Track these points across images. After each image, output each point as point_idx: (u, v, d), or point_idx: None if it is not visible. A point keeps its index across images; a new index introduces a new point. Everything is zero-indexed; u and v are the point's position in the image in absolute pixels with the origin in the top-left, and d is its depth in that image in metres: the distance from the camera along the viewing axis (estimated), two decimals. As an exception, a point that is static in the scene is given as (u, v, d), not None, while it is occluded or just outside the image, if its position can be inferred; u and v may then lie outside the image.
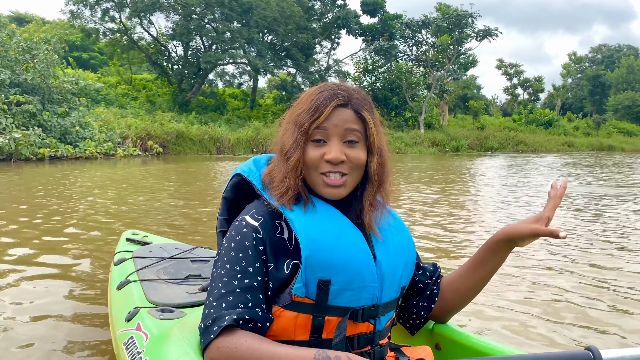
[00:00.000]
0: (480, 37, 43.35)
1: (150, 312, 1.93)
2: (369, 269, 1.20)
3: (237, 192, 1.37)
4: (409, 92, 42.24)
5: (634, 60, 67.67)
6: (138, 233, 3.48)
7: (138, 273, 2.47)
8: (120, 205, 8.04)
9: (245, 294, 1.15)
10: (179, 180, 12.75)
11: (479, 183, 13.63)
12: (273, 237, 1.21)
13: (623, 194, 10.60)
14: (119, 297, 2.30)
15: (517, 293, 3.76)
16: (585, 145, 46.12)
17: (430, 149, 36.87)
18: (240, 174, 1.33)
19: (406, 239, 1.37)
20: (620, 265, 4.59)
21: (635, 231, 6.30)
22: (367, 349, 1.26)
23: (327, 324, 1.19)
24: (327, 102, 1.21)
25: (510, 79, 67.01)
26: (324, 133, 1.21)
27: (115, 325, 2.08)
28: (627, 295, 3.74)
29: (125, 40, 38.53)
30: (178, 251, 2.89)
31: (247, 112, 39.23)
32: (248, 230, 1.20)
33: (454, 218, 7.36)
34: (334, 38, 45.35)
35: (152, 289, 2.23)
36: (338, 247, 1.18)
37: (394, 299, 1.30)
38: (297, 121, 1.22)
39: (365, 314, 1.22)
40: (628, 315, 3.34)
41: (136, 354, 1.62)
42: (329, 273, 1.16)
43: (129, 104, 33.11)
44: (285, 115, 1.31)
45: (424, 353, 1.38)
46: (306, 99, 1.25)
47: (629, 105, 60.36)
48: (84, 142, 20.46)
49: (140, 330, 1.78)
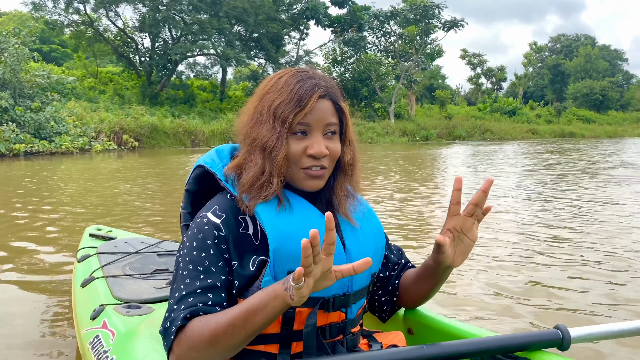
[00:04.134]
0: (447, 27, 44.09)
1: (116, 309, 1.87)
2: (338, 257, 1.17)
3: (200, 184, 1.31)
4: (378, 83, 42.70)
5: (590, 49, 69.98)
6: (102, 228, 3.36)
7: (103, 269, 2.39)
8: (86, 200, 7.99)
9: (206, 294, 1.11)
10: (151, 175, 12.66)
11: (450, 169, 14.11)
12: (237, 234, 1.17)
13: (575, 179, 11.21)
14: (83, 294, 2.21)
15: (488, 277, 3.92)
16: (547, 133, 47.57)
17: (401, 138, 37.44)
18: (202, 166, 1.27)
19: (375, 225, 1.35)
20: (588, 246, 4.91)
21: (596, 213, 6.78)
22: (339, 337, 1.24)
23: (298, 316, 1.16)
24: (309, 94, 1.16)
25: (474, 69, 68.35)
26: (305, 127, 1.17)
27: (79, 325, 2.00)
28: (594, 275, 3.96)
29: (91, 32, 37.61)
30: (144, 245, 2.79)
31: (217, 104, 38.92)
32: (210, 228, 1.15)
33: (424, 204, 7.73)
34: (302, 29, 45.32)
35: (117, 285, 2.17)
36: (306, 237, 1.13)
37: (364, 287, 1.28)
38: (278, 113, 1.16)
39: (336, 303, 1.20)
40: (594, 295, 3.50)
41: (102, 353, 1.57)
42: (297, 264, 1.08)
43: (98, 98, 32.45)
44: (253, 103, 1.23)
45: (396, 339, 1.38)
46: (282, 88, 1.18)
47: (587, 93, 62.43)
48: (60, 137, 20.07)
49: (107, 328, 1.73)
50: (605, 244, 4.97)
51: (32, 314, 3.07)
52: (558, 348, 1.23)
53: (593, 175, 11.97)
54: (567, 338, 1.21)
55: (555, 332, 1.22)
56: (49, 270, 4.00)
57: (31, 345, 2.63)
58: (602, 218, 6.34)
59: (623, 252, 4.63)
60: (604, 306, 3.28)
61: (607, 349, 2.58)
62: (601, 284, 3.72)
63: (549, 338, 1.21)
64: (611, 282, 3.77)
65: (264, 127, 1.17)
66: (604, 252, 4.67)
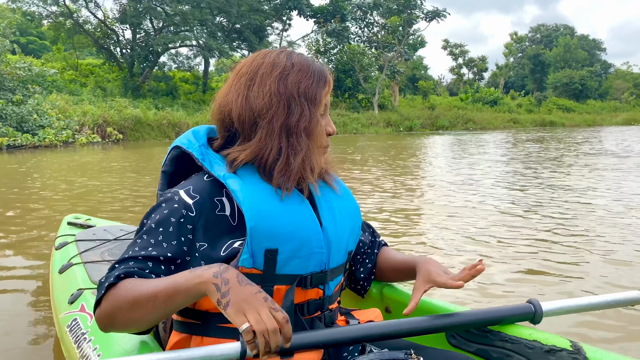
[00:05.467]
0: (430, 18, 44.27)
1: (94, 293, 1.84)
2: (315, 235, 1.19)
3: (177, 165, 1.30)
4: (361, 74, 42.75)
5: (570, 39, 70.83)
6: (80, 217, 3.33)
7: (81, 256, 2.38)
8: (67, 192, 8.00)
9: (146, 262, 1.10)
10: (133, 166, 12.63)
11: (432, 159, 14.29)
12: (211, 216, 1.15)
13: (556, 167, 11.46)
14: (61, 280, 2.21)
15: (463, 255, 4.12)
16: (529, 122, 48.17)
17: (385, 129, 37.61)
18: (179, 147, 1.25)
19: (351, 204, 1.36)
20: (557, 227, 5.17)
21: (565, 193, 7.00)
22: (317, 314, 1.24)
23: (276, 293, 1.16)
24: (326, 72, 1.20)
25: (455, 59, 68.77)
26: (326, 105, 1.20)
27: (57, 309, 2.00)
28: (565, 252, 4.22)
29: (70, 24, 36.94)
30: (123, 233, 2.79)
31: (200, 96, 38.64)
32: (179, 206, 1.13)
33: (406, 191, 7.86)
34: (285, 20, 45.11)
35: (96, 270, 2.16)
36: (284, 216, 1.15)
37: (341, 264, 1.30)
38: (308, 94, 1.16)
39: (313, 280, 1.20)
40: (567, 270, 3.76)
41: (80, 335, 1.57)
42: (275, 242, 1.12)
43: (80, 91, 31.99)
44: (266, 86, 1.16)
45: (373, 315, 1.40)
46: (301, 69, 1.17)
47: (566, 82, 63.27)
48: (43, 130, 19.79)
49: (85, 312, 1.72)
50: (575, 224, 5.26)
51: (9, 301, 3.10)
52: (530, 321, 1.27)
53: (562, 164, 12.24)
54: (539, 312, 1.25)
55: (528, 307, 1.26)
56: (27, 258, 4.03)
57: (8, 332, 2.66)
58: (573, 202, 6.64)
59: (592, 233, 4.89)
60: (575, 281, 3.50)
61: (577, 322, 2.72)
62: (572, 263, 3.94)
63: (522, 312, 1.26)
64: (583, 261, 4.00)
65: (298, 110, 1.15)
66: (574, 232, 4.93)
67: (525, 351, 1.21)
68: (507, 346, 1.25)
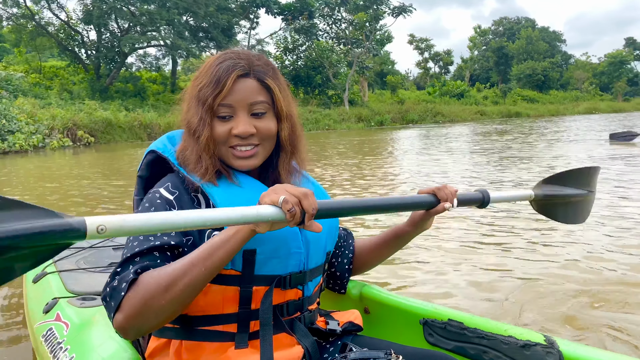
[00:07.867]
0: (396, 13, 44.78)
1: (70, 302, 1.83)
2: (293, 235, 1.19)
3: (153, 169, 1.30)
4: (330, 70, 43.00)
5: (531, 31, 72.57)
6: None
7: (55, 264, 2.33)
8: (40, 196, 7.94)
9: (153, 253, 1.09)
10: (106, 170, 12.50)
11: (405, 151, 14.63)
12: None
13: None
14: (35, 290, 2.17)
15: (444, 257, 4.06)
16: (495, 113, 49.28)
17: (357, 124, 37.99)
18: (154, 151, 1.27)
19: None
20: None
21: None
22: (297, 315, 1.25)
23: (255, 294, 1.16)
24: (227, 74, 1.15)
25: (422, 54, 69.73)
26: (229, 109, 1.18)
27: (31, 319, 1.96)
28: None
29: (32, 26, 36.09)
30: (98, 240, 2.64)
31: (168, 96, 38.24)
32: (162, 202, 1.16)
33: (380, 183, 8.13)
34: (253, 18, 45.00)
35: (71, 279, 2.12)
36: None
37: (320, 265, 1.30)
38: (200, 97, 1.17)
39: (292, 281, 1.21)
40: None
41: (56, 345, 1.55)
42: (253, 243, 1.12)
43: (45, 94, 31.28)
44: (188, 88, 1.25)
45: (352, 316, 1.40)
46: (205, 71, 1.19)
47: (530, 74, 64.90)
48: (13, 135, 19.38)
49: (60, 321, 1.70)
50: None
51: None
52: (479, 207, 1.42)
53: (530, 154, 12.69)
54: (487, 199, 1.40)
55: (478, 194, 1.40)
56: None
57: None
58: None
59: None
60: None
61: (552, 317, 2.85)
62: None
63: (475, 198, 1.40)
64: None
65: (192, 112, 1.19)
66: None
67: (501, 347, 1.28)
68: (483, 342, 1.32)
